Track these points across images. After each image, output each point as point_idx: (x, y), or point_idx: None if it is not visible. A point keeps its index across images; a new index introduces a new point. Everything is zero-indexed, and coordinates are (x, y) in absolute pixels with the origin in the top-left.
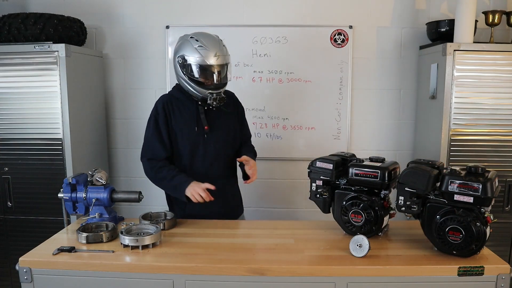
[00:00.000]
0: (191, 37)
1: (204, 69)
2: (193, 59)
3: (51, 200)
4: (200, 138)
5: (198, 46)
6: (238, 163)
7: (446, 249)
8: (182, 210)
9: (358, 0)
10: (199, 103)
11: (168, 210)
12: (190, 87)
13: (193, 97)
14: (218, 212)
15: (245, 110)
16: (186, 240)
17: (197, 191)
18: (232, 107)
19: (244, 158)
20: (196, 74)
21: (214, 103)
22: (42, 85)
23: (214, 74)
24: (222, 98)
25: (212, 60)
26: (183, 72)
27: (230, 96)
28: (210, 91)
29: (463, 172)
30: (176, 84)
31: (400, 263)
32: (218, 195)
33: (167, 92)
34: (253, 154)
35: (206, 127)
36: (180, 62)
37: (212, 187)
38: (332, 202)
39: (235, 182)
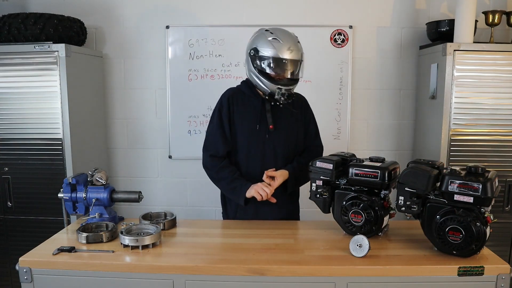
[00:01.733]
0: (266, 30)
1: (276, 62)
2: (265, 52)
3: (51, 200)
4: (261, 136)
5: (272, 38)
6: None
7: (446, 249)
8: (234, 213)
9: (358, 0)
10: (266, 98)
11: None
12: (259, 81)
13: (260, 93)
14: (272, 217)
15: None
16: (186, 240)
17: (260, 187)
18: (300, 110)
19: (272, 173)
20: (267, 67)
21: (282, 98)
22: (42, 85)
23: (285, 69)
24: (291, 94)
25: (285, 54)
26: (253, 65)
27: (301, 99)
28: (279, 86)
29: (463, 172)
30: (245, 79)
31: (400, 263)
32: (270, 201)
33: (236, 86)
34: (299, 167)
35: (271, 126)
36: (252, 54)
37: (273, 200)
38: (332, 202)
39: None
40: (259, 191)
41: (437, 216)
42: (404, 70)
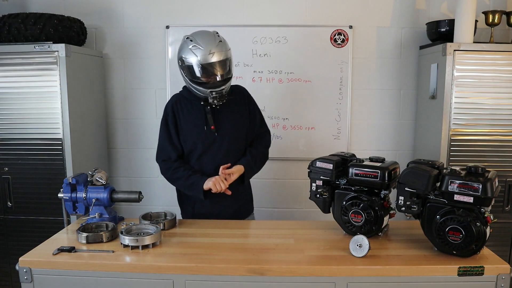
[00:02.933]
0: (187, 37)
1: (201, 68)
2: (189, 60)
3: (51, 200)
4: (209, 137)
5: (192, 46)
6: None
7: (446, 249)
8: (191, 209)
9: (358, 0)
10: (202, 103)
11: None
12: (192, 88)
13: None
14: (227, 211)
15: None
16: (186, 240)
17: (218, 181)
18: (241, 103)
19: (228, 171)
20: (194, 75)
21: (215, 101)
22: (42, 85)
23: (211, 72)
24: (222, 96)
25: (206, 58)
26: (183, 74)
27: (240, 91)
28: (210, 90)
29: (463, 172)
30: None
31: (400, 263)
32: (230, 196)
33: (179, 92)
34: (252, 158)
35: (212, 127)
36: (180, 64)
37: (228, 192)
38: (332, 202)
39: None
40: (216, 184)
41: (437, 216)
42: (404, 70)
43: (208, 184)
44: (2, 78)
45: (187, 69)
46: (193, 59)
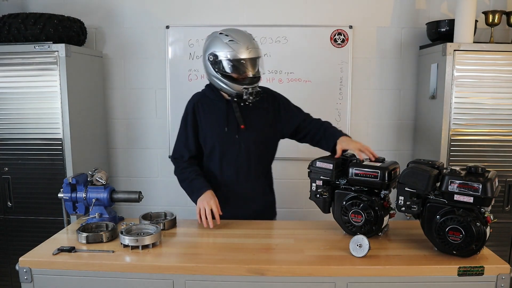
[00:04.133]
0: (220, 33)
1: (237, 63)
2: (224, 55)
3: (51, 200)
4: (231, 138)
5: (229, 40)
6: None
7: (446, 249)
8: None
9: (358, 0)
10: (235, 99)
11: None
12: (223, 84)
13: (225, 95)
14: (247, 214)
15: None
16: (186, 240)
17: (204, 206)
18: (267, 103)
19: (338, 148)
20: (228, 70)
21: (251, 97)
22: (42, 85)
23: (247, 68)
24: (258, 92)
25: (244, 54)
26: (215, 70)
27: (266, 91)
28: (245, 86)
29: (463, 172)
30: (209, 83)
31: (400, 263)
32: (248, 199)
33: (200, 90)
34: (328, 128)
35: (242, 126)
36: (211, 59)
37: (218, 213)
38: (332, 202)
39: (268, 184)
40: (201, 212)
41: (437, 216)
42: (404, 70)
43: (199, 204)
44: (2, 78)
45: (219, 64)
46: (229, 54)
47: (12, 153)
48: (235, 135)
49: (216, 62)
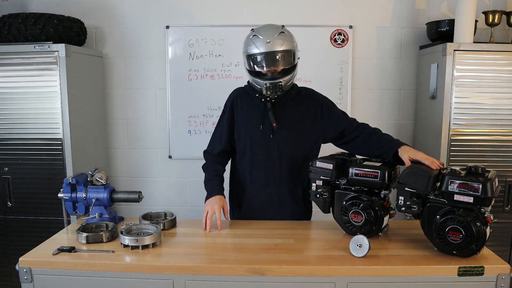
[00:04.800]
0: (252, 29)
1: (256, 57)
2: (248, 50)
3: (51, 200)
4: (264, 137)
5: (253, 36)
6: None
7: (446, 249)
8: (239, 213)
9: (358, 0)
10: (256, 95)
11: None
12: (251, 80)
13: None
14: (275, 218)
15: None
16: (186, 240)
17: (207, 209)
18: (307, 103)
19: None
20: (251, 65)
21: (268, 92)
22: (42, 85)
23: (268, 62)
24: (277, 87)
25: (263, 47)
26: (245, 67)
27: (308, 92)
28: (266, 81)
29: (463, 172)
30: None
31: (400, 263)
32: (277, 200)
33: (243, 85)
34: (383, 136)
35: (274, 124)
36: (243, 56)
37: (220, 219)
38: (332, 202)
39: (298, 188)
40: (203, 216)
41: (437, 216)
42: (404, 70)
43: (207, 206)
44: (2, 78)
45: (246, 60)
46: (251, 49)
47: (12, 153)
48: (270, 135)
49: (245, 58)
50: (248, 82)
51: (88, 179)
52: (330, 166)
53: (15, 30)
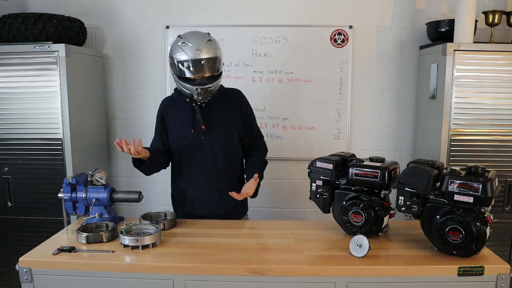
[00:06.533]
0: (178, 36)
1: (187, 64)
2: (177, 57)
3: (51, 200)
4: (197, 139)
5: (181, 43)
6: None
7: (446, 249)
8: (182, 209)
9: (358, 0)
10: (187, 100)
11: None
12: (180, 85)
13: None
14: (218, 212)
15: None
16: (186, 240)
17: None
18: (233, 104)
19: (248, 185)
20: (181, 71)
21: (199, 97)
22: (42, 85)
23: (198, 69)
24: (208, 92)
25: (193, 55)
26: (172, 72)
27: (233, 93)
28: (196, 86)
29: (463, 172)
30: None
31: (400, 263)
32: (217, 196)
33: (170, 94)
34: (257, 166)
35: (203, 127)
36: (170, 62)
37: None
38: (332, 202)
39: (237, 181)
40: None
41: (437, 216)
42: (404, 70)
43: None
44: (2, 78)
45: (175, 66)
46: (181, 56)
47: (12, 153)
48: (201, 137)
49: (172, 64)
50: (175, 90)
51: (88, 179)
52: (330, 166)
53: (15, 30)
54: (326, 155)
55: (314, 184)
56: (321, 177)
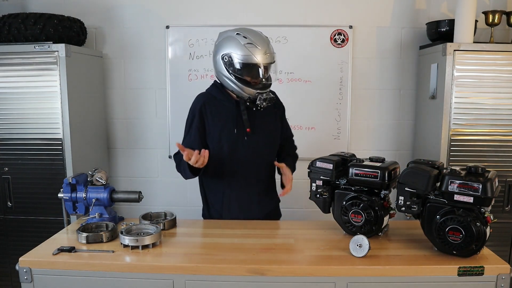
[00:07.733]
0: (237, 33)
1: (253, 68)
2: (240, 57)
3: (51, 200)
4: (240, 140)
5: (247, 43)
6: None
7: (446, 249)
8: (219, 215)
9: (358, 0)
10: (247, 103)
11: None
12: (236, 86)
13: (233, 96)
14: (256, 216)
15: None
16: (186, 240)
17: (190, 154)
18: (273, 107)
19: (282, 165)
20: (244, 73)
21: (264, 103)
22: (42, 85)
23: (263, 73)
24: (272, 98)
25: (262, 58)
26: (228, 71)
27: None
28: (259, 91)
29: (463, 172)
30: (214, 82)
31: (400, 263)
32: (257, 199)
33: (205, 90)
34: (293, 159)
35: (248, 130)
36: (226, 60)
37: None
38: (332, 202)
39: (274, 185)
40: (190, 156)
41: (437, 216)
42: (404, 70)
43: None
44: (2, 78)
45: (235, 66)
46: (248, 57)
47: (12, 153)
48: (244, 137)
49: (231, 64)
50: (213, 85)
51: (88, 179)
52: (330, 166)
53: (15, 30)
54: (326, 155)
55: (314, 184)
56: (321, 177)
